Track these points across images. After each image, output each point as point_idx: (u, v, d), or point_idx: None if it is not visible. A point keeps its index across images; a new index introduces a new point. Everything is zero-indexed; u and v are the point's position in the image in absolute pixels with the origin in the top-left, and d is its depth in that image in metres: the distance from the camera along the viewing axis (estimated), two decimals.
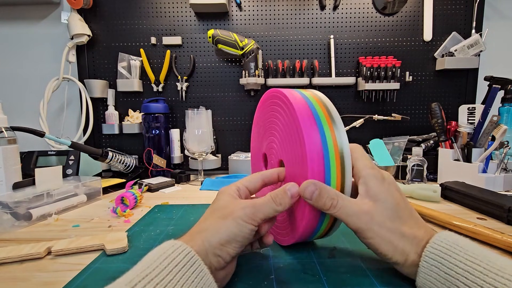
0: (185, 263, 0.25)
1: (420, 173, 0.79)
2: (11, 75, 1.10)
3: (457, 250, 0.26)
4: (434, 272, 0.26)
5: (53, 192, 0.59)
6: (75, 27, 0.96)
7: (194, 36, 1.03)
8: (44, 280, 0.33)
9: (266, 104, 0.42)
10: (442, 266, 0.26)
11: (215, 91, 1.05)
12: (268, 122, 0.42)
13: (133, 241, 0.43)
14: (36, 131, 0.71)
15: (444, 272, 0.26)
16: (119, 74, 1.02)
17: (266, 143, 0.43)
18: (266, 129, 0.42)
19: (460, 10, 0.99)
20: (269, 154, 0.43)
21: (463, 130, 0.80)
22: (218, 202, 0.33)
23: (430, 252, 0.27)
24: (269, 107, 0.41)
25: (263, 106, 0.44)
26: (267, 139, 0.43)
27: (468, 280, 0.24)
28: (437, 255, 0.27)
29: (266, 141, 0.43)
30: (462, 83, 1.02)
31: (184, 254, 0.25)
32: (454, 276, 0.25)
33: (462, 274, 0.25)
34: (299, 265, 0.36)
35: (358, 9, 1.00)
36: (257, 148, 0.47)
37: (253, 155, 0.49)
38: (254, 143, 0.48)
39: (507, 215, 0.50)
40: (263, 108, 0.43)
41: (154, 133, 0.95)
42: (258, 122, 0.46)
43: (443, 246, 0.27)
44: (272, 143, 0.41)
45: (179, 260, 0.24)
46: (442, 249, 0.27)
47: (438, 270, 0.26)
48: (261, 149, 0.45)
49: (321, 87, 1.02)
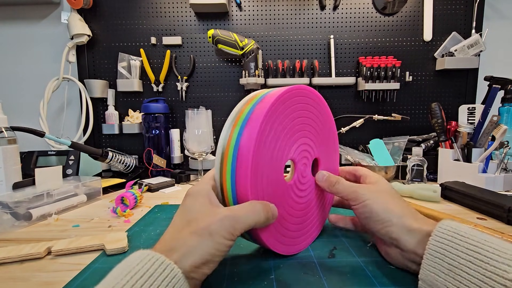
0: (169, 280, 0.23)
1: (420, 173, 0.79)
2: (11, 75, 1.10)
3: (458, 240, 0.26)
4: (437, 263, 0.27)
5: (53, 192, 0.59)
6: (75, 27, 0.96)
7: (194, 36, 1.03)
8: (44, 280, 0.33)
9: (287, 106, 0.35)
10: (446, 258, 0.26)
11: (215, 91, 1.05)
12: (295, 124, 0.37)
13: (133, 241, 0.43)
14: (36, 131, 0.71)
15: (448, 263, 0.26)
16: (119, 74, 1.02)
17: (295, 147, 0.37)
18: (295, 131, 0.37)
19: (460, 10, 0.99)
20: (300, 157, 0.38)
21: (463, 130, 0.80)
22: (189, 210, 0.30)
23: (433, 245, 0.27)
24: (294, 107, 0.36)
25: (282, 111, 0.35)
26: (295, 142, 0.37)
27: (471, 270, 0.24)
28: (440, 247, 0.27)
29: (295, 145, 0.37)
30: (462, 83, 1.02)
31: (168, 270, 0.23)
32: (457, 266, 0.25)
33: (465, 264, 0.25)
34: (299, 265, 0.35)
35: (358, 9, 1.00)
36: (273, 160, 0.34)
37: (264, 171, 0.33)
38: (265, 156, 0.33)
39: (507, 215, 0.50)
40: (284, 111, 0.35)
41: (154, 133, 0.95)
42: (273, 130, 0.34)
43: (445, 238, 0.27)
44: (305, 144, 0.39)
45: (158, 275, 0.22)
46: (445, 241, 0.27)
47: (441, 261, 0.26)
48: (283, 158, 0.36)
49: (321, 87, 1.02)
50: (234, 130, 0.33)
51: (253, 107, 0.34)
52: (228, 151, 0.32)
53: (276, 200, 0.34)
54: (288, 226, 0.37)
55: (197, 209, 0.29)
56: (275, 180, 0.34)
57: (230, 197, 0.32)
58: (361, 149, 0.98)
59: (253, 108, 0.34)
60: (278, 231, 0.35)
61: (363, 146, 0.99)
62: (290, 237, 0.37)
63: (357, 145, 1.01)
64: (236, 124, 0.33)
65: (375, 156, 0.86)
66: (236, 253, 0.39)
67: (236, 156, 0.31)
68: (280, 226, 0.35)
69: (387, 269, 0.34)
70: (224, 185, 0.32)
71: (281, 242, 0.36)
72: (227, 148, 0.32)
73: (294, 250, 0.38)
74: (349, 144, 1.01)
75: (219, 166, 0.33)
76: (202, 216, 0.28)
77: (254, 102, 0.35)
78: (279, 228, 0.35)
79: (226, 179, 0.32)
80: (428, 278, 0.27)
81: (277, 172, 0.34)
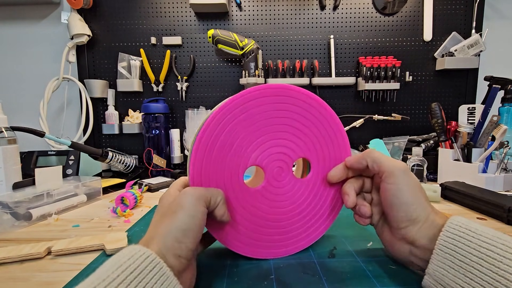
0: (143, 267, 0.23)
1: (420, 173, 0.79)
2: (11, 75, 1.10)
3: (470, 237, 0.26)
4: (448, 259, 0.26)
5: (53, 192, 0.59)
6: (75, 27, 0.96)
7: (194, 36, 1.03)
8: (44, 280, 0.33)
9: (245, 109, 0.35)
10: (457, 254, 0.26)
11: (215, 91, 1.05)
12: (262, 126, 0.36)
13: (133, 241, 0.43)
14: (36, 131, 0.71)
15: (459, 260, 0.25)
16: (119, 74, 1.02)
17: (258, 153, 0.36)
18: (258, 135, 0.36)
19: (460, 10, 0.99)
20: (271, 161, 0.37)
21: (463, 130, 0.80)
22: (162, 204, 0.32)
23: (444, 241, 0.27)
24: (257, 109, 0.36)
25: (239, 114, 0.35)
26: (260, 147, 0.36)
27: (483, 268, 0.24)
28: (451, 243, 0.26)
29: (257, 150, 0.36)
30: (462, 83, 1.02)
31: (142, 258, 0.23)
32: (469, 263, 0.25)
33: (477, 261, 0.24)
34: (299, 265, 0.36)
35: (358, 9, 1.00)
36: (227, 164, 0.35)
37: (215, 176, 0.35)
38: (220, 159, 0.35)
39: (507, 215, 0.50)
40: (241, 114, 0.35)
41: (154, 133, 0.95)
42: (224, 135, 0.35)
43: (456, 234, 0.27)
44: (282, 146, 0.37)
45: (137, 265, 0.22)
46: (456, 237, 0.26)
47: (452, 257, 0.26)
48: (240, 164, 0.36)
49: (321, 87, 1.02)
50: (201, 126, 0.35)
51: (214, 108, 0.36)
52: (192, 141, 0.35)
53: (238, 203, 0.36)
54: (263, 231, 0.37)
55: (167, 201, 0.31)
56: (233, 185, 0.35)
57: None
58: (361, 149, 0.98)
59: (214, 108, 0.36)
60: (247, 235, 0.37)
61: (363, 146, 0.99)
62: (264, 241, 0.37)
63: (357, 145, 1.01)
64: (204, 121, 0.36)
65: None
66: (236, 254, 0.39)
67: (192, 145, 0.34)
68: (244, 229, 0.36)
69: (387, 269, 0.34)
70: (188, 173, 0.34)
71: (247, 244, 0.37)
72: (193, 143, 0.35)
73: (274, 254, 0.38)
74: (349, 144, 1.01)
75: (189, 154, 0.35)
76: (173, 200, 0.30)
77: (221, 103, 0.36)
78: (249, 232, 0.37)
79: (188, 166, 0.34)
80: (436, 273, 0.27)
81: (234, 178, 0.36)
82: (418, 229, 0.30)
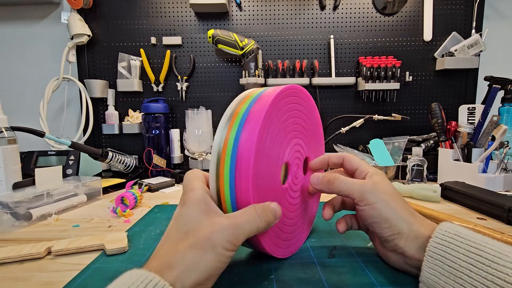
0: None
1: (420, 173, 0.79)
2: (11, 75, 1.10)
3: (458, 242, 0.26)
4: (438, 266, 0.26)
5: (53, 192, 0.59)
6: (75, 27, 0.96)
7: (194, 36, 1.03)
8: (44, 280, 0.33)
9: (281, 107, 0.34)
10: (446, 260, 0.26)
11: (215, 91, 1.05)
12: (288, 125, 0.35)
13: (133, 241, 0.43)
14: (36, 131, 0.71)
15: (448, 266, 0.26)
16: (119, 74, 1.02)
17: (289, 149, 0.36)
18: (288, 132, 0.35)
19: (460, 10, 0.99)
20: (293, 159, 0.37)
21: (463, 130, 0.80)
22: (186, 220, 0.27)
23: (434, 247, 0.27)
24: (287, 107, 0.35)
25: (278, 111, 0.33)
26: (289, 144, 0.36)
27: (472, 273, 0.24)
28: (440, 249, 0.27)
29: (288, 147, 0.36)
30: (462, 83, 1.02)
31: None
32: (458, 269, 0.25)
33: (466, 267, 0.24)
34: (299, 265, 0.36)
35: (358, 9, 1.00)
36: (271, 163, 0.33)
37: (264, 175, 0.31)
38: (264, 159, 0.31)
39: (507, 215, 0.50)
40: (279, 112, 0.33)
41: (154, 133, 0.95)
42: (271, 132, 0.32)
43: (445, 240, 0.27)
44: (297, 145, 0.38)
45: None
46: (445, 243, 0.27)
47: (442, 264, 0.26)
48: (279, 160, 0.34)
49: (321, 87, 1.02)
50: (230, 132, 0.30)
51: (250, 107, 0.31)
52: (225, 154, 0.29)
53: (275, 201, 0.34)
54: (284, 229, 0.36)
55: (194, 218, 0.27)
56: (273, 184, 0.33)
57: (229, 202, 0.30)
58: (361, 149, 0.98)
59: (249, 107, 0.31)
60: (276, 235, 0.34)
61: (363, 146, 0.99)
62: (285, 239, 0.36)
63: (357, 145, 1.01)
64: (232, 124, 0.31)
65: (375, 156, 0.86)
66: (236, 253, 0.39)
67: (235, 159, 0.29)
68: (278, 230, 0.35)
69: (387, 269, 0.34)
70: (221, 190, 0.30)
71: (277, 245, 0.35)
72: (223, 150, 0.30)
73: (288, 253, 0.38)
74: (349, 144, 1.01)
75: (215, 169, 0.30)
76: (201, 226, 0.26)
77: (250, 101, 0.32)
78: (277, 232, 0.35)
79: (223, 183, 0.29)
80: (428, 281, 0.27)
81: (274, 176, 0.33)
82: (405, 241, 0.31)
